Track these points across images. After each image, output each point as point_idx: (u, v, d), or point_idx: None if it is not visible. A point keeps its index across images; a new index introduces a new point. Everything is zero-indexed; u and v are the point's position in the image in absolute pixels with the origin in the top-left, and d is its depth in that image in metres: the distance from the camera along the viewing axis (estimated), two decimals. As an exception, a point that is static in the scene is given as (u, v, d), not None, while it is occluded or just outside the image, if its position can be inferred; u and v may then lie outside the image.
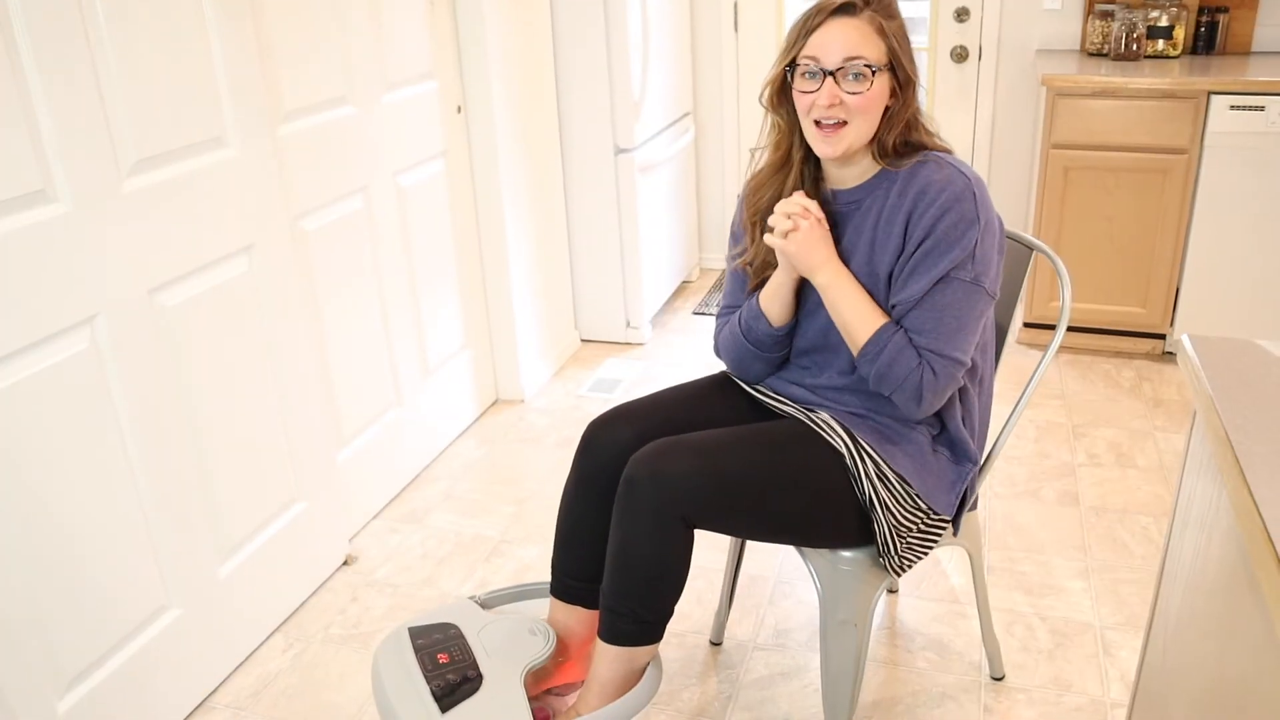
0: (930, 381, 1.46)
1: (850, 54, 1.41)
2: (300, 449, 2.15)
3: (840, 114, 1.43)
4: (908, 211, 1.46)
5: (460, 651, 1.54)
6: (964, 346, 1.47)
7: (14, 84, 1.48)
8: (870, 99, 1.43)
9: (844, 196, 1.54)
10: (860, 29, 1.42)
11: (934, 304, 1.45)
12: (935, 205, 1.43)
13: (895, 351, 1.45)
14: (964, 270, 1.44)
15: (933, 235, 1.43)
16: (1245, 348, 1.15)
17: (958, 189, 1.44)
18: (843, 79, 1.42)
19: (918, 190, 1.45)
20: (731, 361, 1.69)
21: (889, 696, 1.89)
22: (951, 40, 3.59)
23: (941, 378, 1.46)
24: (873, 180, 1.52)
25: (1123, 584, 2.17)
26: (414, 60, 2.53)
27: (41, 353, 1.56)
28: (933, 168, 1.47)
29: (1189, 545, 1.17)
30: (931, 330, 1.45)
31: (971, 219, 1.43)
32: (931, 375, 1.46)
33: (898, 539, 1.53)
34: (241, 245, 1.94)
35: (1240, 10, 3.21)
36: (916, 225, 1.45)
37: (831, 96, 1.42)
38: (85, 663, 1.68)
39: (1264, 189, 2.89)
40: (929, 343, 1.45)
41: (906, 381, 1.46)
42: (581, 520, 1.61)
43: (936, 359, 1.45)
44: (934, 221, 1.43)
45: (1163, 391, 3.02)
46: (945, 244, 1.43)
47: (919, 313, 1.46)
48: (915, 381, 1.46)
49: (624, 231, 3.33)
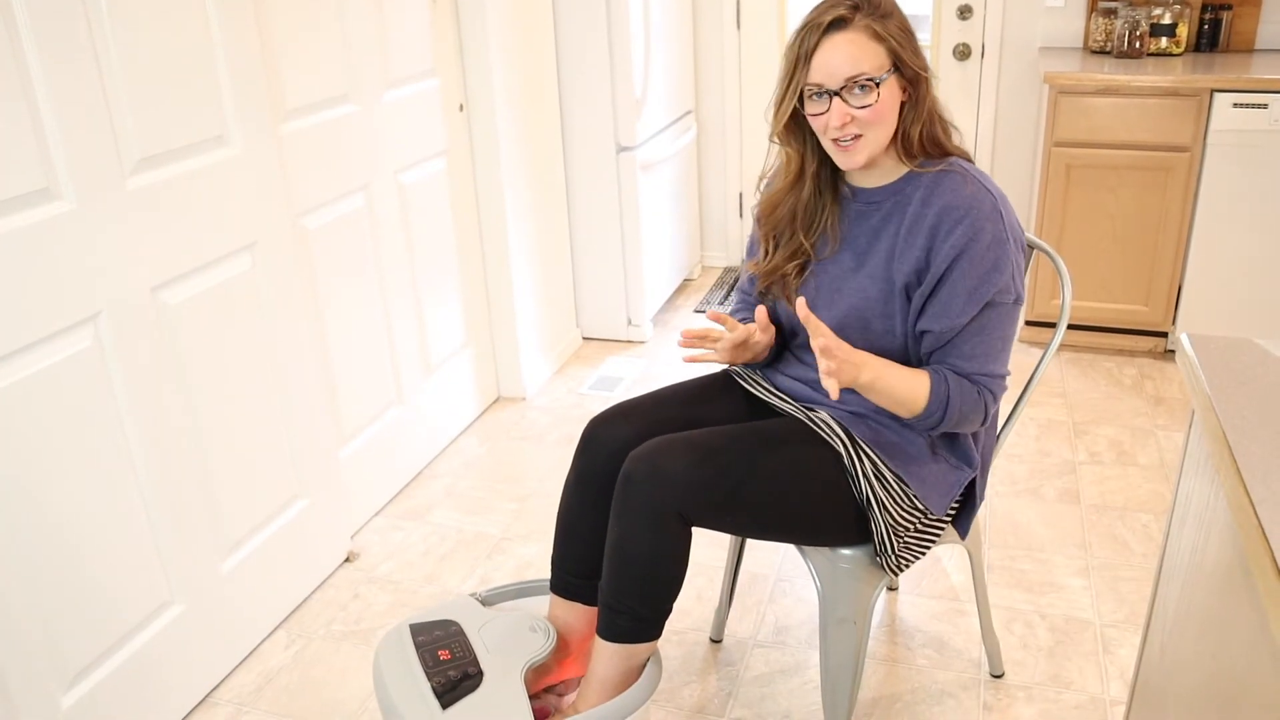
0: (991, 402, 1.50)
1: (851, 73, 1.40)
2: (302, 446, 2.16)
3: (854, 129, 1.43)
4: (931, 227, 1.45)
5: (461, 648, 1.55)
6: (1007, 360, 1.51)
7: (18, 83, 1.48)
8: (880, 109, 1.42)
9: (865, 195, 1.54)
10: (855, 41, 1.40)
11: (981, 329, 1.46)
12: (963, 225, 1.42)
13: (958, 397, 1.46)
14: (1006, 293, 1.45)
15: (966, 257, 1.42)
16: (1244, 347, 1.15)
17: (985, 209, 1.43)
18: (849, 96, 1.41)
19: (943, 205, 1.44)
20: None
21: (888, 694, 1.89)
22: (954, 38, 3.58)
23: (998, 394, 1.51)
24: (897, 183, 1.51)
25: (1123, 582, 2.17)
26: (416, 58, 2.53)
27: (44, 350, 1.57)
28: (958, 180, 1.46)
29: (1187, 543, 1.17)
30: (982, 355, 1.47)
31: (1002, 239, 1.44)
32: (991, 396, 1.49)
33: (895, 538, 1.54)
34: (244, 243, 1.94)
35: (1243, 8, 3.21)
36: (942, 244, 1.43)
37: (843, 116, 1.41)
38: (88, 659, 1.69)
39: (1266, 187, 2.89)
40: (980, 367, 1.47)
41: (975, 414, 1.49)
42: (581, 517, 1.61)
43: (990, 380, 1.48)
44: (965, 243, 1.42)
45: (1164, 389, 3.02)
46: (985, 270, 1.43)
47: (966, 339, 1.46)
48: (982, 410, 1.49)
49: (625, 229, 3.33)
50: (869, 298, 1.50)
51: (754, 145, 4.00)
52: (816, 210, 1.56)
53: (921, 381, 1.46)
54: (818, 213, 1.56)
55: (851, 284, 1.53)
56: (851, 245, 1.54)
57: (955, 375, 1.47)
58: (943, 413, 1.46)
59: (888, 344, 1.51)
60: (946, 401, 1.45)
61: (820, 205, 1.55)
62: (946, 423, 1.47)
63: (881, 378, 1.44)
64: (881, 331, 1.50)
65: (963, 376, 1.47)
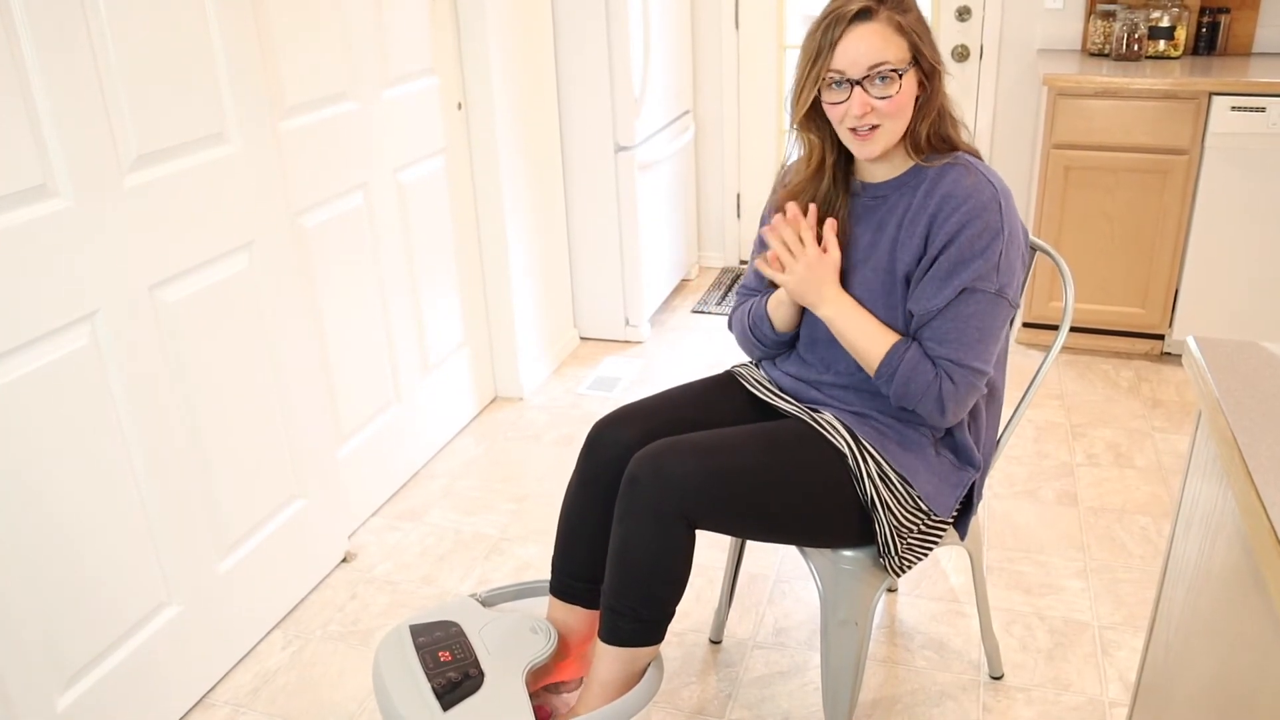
0: (950, 391, 1.47)
1: (874, 61, 1.41)
2: (300, 446, 2.15)
3: (873, 119, 1.43)
4: (931, 215, 1.46)
5: (462, 649, 1.54)
6: (985, 356, 1.48)
7: (15, 79, 1.47)
8: (900, 101, 1.43)
9: (872, 190, 1.55)
10: (880, 33, 1.41)
11: (956, 314, 1.45)
12: (959, 212, 1.43)
13: (910, 368, 1.46)
14: (987, 281, 1.44)
15: (955, 243, 1.43)
16: (1250, 349, 1.15)
17: (984, 198, 1.44)
18: (870, 85, 1.42)
19: (943, 195, 1.45)
20: (739, 342, 1.75)
21: (888, 695, 1.89)
22: (953, 39, 3.58)
23: (961, 387, 1.47)
24: (903, 176, 1.52)
25: (1121, 584, 2.17)
26: (415, 56, 2.52)
27: (42, 349, 1.56)
28: (961, 172, 1.47)
29: (1193, 546, 1.17)
30: (954, 340, 1.46)
31: (996, 230, 1.43)
32: (951, 385, 1.46)
33: (898, 539, 1.53)
34: (242, 241, 1.93)
35: (1241, 11, 3.21)
36: (939, 231, 1.45)
37: (863, 105, 1.42)
38: (86, 659, 1.68)
39: (1264, 190, 2.90)
40: (949, 352, 1.46)
41: (926, 394, 1.47)
42: (584, 520, 1.60)
43: (956, 369, 1.46)
44: (957, 229, 1.43)
45: (1161, 392, 3.02)
46: (969, 255, 1.43)
47: (940, 323, 1.46)
48: (935, 393, 1.47)
49: (623, 229, 3.33)
50: (873, 290, 1.51)
51: (752, 145, 4.00)
52: (833, 201, 1.57)
53: (884, 341, 1.48)
54: (833, 203, 1.57)
55: (855, 276, 1.53)
56: (857, 239, 1.55)
57: (919, 353, 1.47)
58: (889, 377, 1.48)
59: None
60: (895, 371, 1.47)
61: (835, 197, 1.57)
62: (894, 391, 1.49)
63: (842, 318, 1.50)
64: (885, 321, 1.52)
65: (928, 357, 1.47)
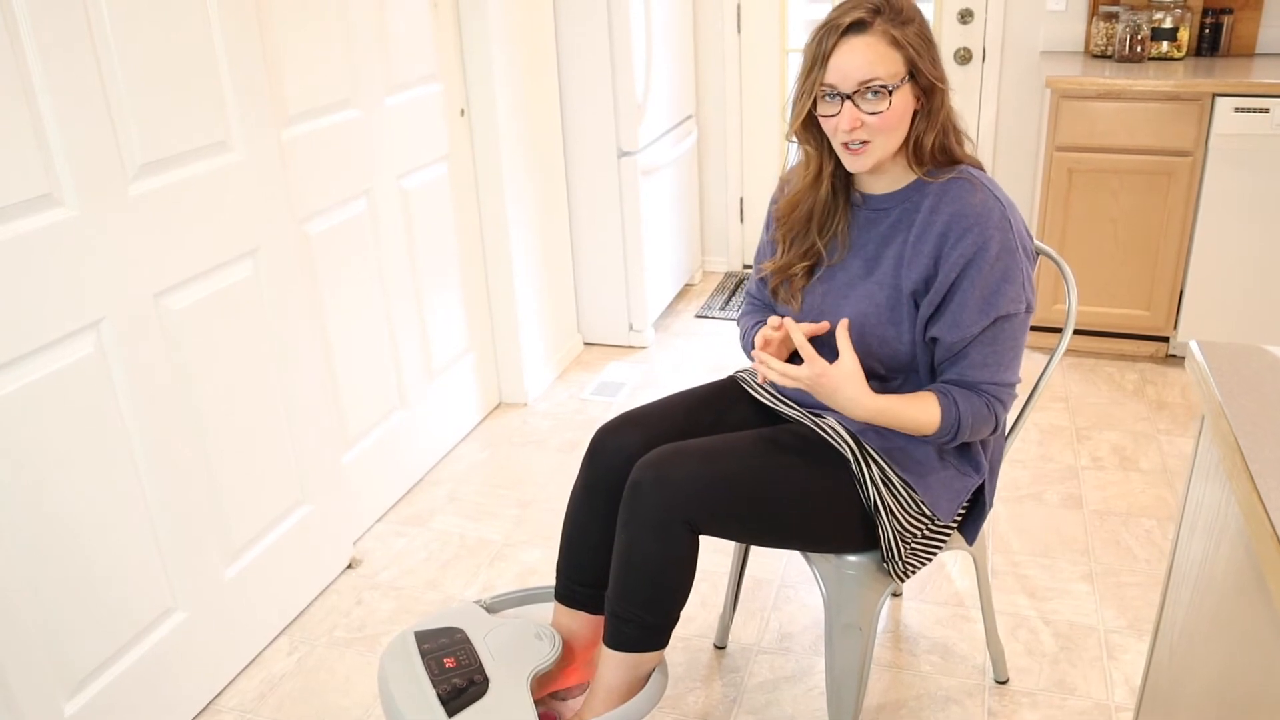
0: (1000, 410, 1.50)
1: (865, 77, 1.39)
2: (305, 452, 2.16)
3: (863, 135, 1.42)
4: (940, 234, 1.44)
5: (466, 655, 1.54)
6: (1018, 368, 1.51)
7: (20, 88, 1.48)
8: (890, 117, 1.41)
9: (874, 201, 1.54)
10: (873, 46, 1.39)
11: (994, 339, 1.45)
12: (971, 233, 1.42)
13: (968, 413, 1.46)
14: (1017, 303, 1.45)
15: (977, 268, 1.41)
16: (1253, 353, 1.15)
17: (994, 218, 1.42)
18: (861, 100, 1.40)
19: (951, 214, 1.44)
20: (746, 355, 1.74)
21: (893, 700, 1.89)
22: (955, 42, 3.59)
23: (1007, 402, 1.51)
24: (905, 190, 1.50)
25: (1127, 587, 2.16)
26: (417, 63, 2.53)
27: (47, 357, 1.56)
28: (966, 188, 1.45)
29: (1197, 549, 1.17)
30: (994, 364, 1.46)
31: (1011, 248, 1.43)
32: (1000, 405, 1.49)
33: (902, 545, 1.53)
34: (246, 249, 1.94)
35: (1245, 12, 3.21)
36: (951, 252, 1.43)
37: (852, 120, 1.41)
38: (92, 665, 1.68)
39: (1268, 191, 2.89)
40: (991, 376, 1.47)
41: (985, 424, 1.49)
42: (588, 526, 1.60)
43: (1001, 389, 1.48)
44: (973, 252, 1.41)
45: (1166, 394, 3.02)
46: (998, 280, 1.42)
47: (978, 350, 1.46)
48: (992, 420, 1.49)
49: (627, 234, 3.33)
50: (877, 304, 1.50)
51: (755, 150, 4.00)
52: (832, 211, 1.56)
53: (929, 407, 1.46)
54: (832, 214, 1.56)
55: (859, 290, 1.52)
56: (860, 251, 1.54)
57: (962, 390, 1.47)
58: (954, 432, 1.47)
59: (895, 350, 1.50)
60: (958, 421, 1.46)
61: (834, 207, 1.56)
62: (959, 440, 1.49)
63: (882, 415, 1.45)
64: (889, 337, 1.50)
65: (970, 387, 1.47)
